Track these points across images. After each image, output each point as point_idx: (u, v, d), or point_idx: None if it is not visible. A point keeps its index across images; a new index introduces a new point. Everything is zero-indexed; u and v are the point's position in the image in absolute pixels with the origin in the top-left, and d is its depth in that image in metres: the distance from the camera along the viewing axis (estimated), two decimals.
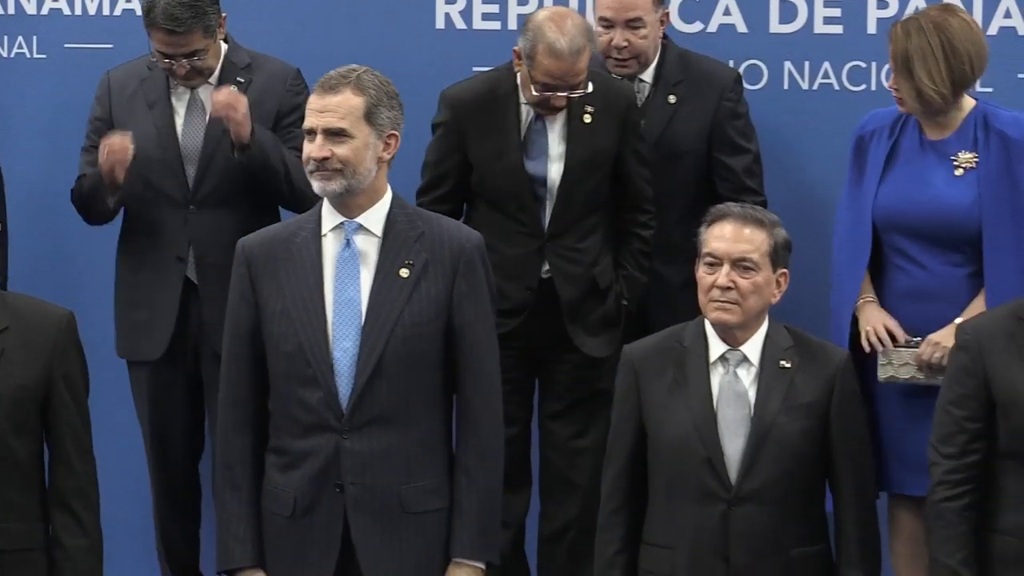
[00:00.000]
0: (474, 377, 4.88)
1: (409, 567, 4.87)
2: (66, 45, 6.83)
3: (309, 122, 4.80)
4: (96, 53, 6.63)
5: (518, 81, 6.16)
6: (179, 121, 6.24)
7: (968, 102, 5.76)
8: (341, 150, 4.76)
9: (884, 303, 5.75)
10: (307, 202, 5.22)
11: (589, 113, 6.07)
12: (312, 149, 4.78)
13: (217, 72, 6.26)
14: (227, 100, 6.05)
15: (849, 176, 5.89)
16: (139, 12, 6.54)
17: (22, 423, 4.81)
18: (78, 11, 6.91)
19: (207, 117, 6.20)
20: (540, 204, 6.17)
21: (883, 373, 5.68)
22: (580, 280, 5.97)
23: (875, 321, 5.74)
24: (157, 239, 6.27)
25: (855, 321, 5.76)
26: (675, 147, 6.24)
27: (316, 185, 4.81)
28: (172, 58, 6.09)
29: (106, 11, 6.91)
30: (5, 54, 6.84)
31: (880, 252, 5.78)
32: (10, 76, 6.85)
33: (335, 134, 4.78)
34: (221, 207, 6.20)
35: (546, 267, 6.11)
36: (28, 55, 6.82)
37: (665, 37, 6.27)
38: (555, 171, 6.11)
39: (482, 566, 4.86)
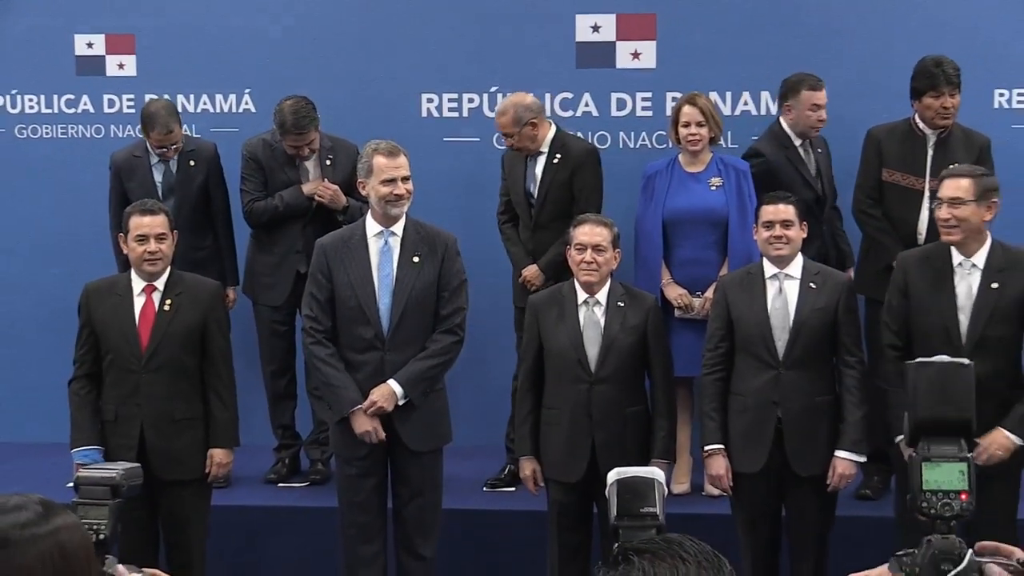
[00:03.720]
0: (451, 314, 5.27)
1: (425, 426, 5.24)
2: (211, 130, 6.95)
3: (390, 174, 5.14)
4: (229, 134, 6.72)
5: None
6: (299, 173, 6.38)
7: (709, 153, 6.11)
8: (409, 187, 5.19)
9: (671, 267, 6.07)
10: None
11: (557, 158, 6.19)
12: (395, 188, 5.14)
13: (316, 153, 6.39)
14: (328, 193, 6.30)
15: (642, 204, 6.16)
16: (254, 110, 6.95)
17: (191, 347, 5.27)
18: (218, 110, 7.07)
19: (311, 175, 6.38)
20: (532, 208, 6.27)
21: (678, 314, 6.03)
22: (558, 255, 5.91)
23: (678, 294, 6.04)
24: (286, 238, 6.41)
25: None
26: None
27: (396, 210, 5.18)
28: (299, 148, 6.31)
29: (234, 109, 7.06)
30: None
31: (667, 241, 6.08)
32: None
33: (406, 179, 5.18)
34: (320, 224, 6.26)
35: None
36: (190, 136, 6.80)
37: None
38: (537, 188, 6.24)
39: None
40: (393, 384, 5.20)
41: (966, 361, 2.51)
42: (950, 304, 5.08)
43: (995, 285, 5.06)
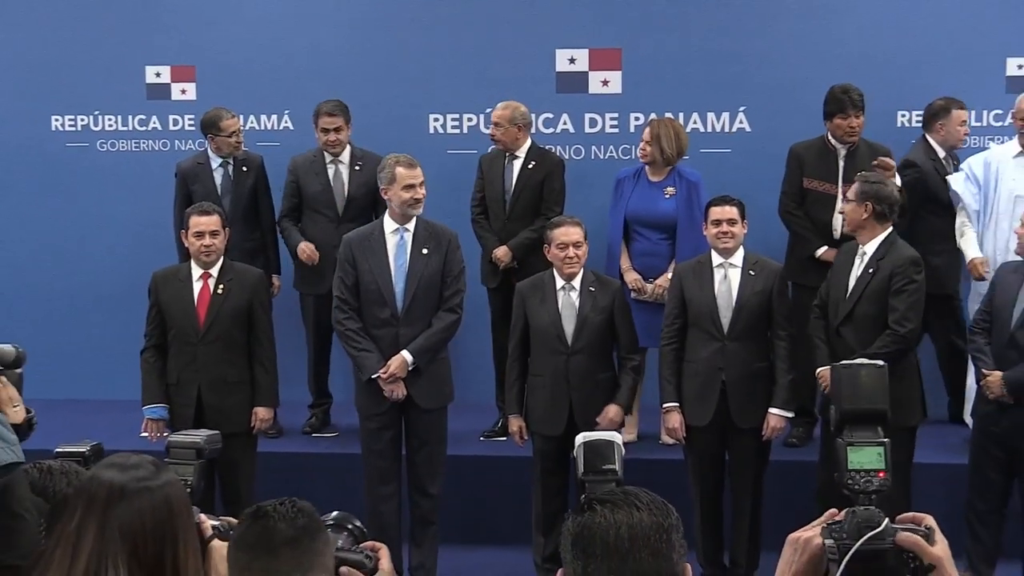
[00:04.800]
0: (452, 295, 5.22)
1: (432, 388, 5.24)
2: (257, 144, 6.82)
3: (410, 181, 5.09)
4: (272, 148, 6.69)
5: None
6: (331, 177, 6.31)
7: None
8: (424, 192, 5.18)
9: (631, 256, 6.01)
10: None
11: (532, 164, 6.19)
12: (415, 194, 5.10)
13: (347, 160, 6.30)
14: (306, 257, 6.20)
15: (612, 202, 6.15)
16: (292, 127, 6.95)
17: (240, 323, 5.28)
18: (262, 127, 7.04)
19: (343, 178, 6.28)
20: (507, 205, 6.20)
21: (635, 296, 5.92)
22: (532, 244, 5.93)
23: (634, 279, 5.98)
24: (324, 237, 6.21)
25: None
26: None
27: (414, 211, 5.16)
28: (328, 131, 6.25)
29: (276, 127, 7.04)
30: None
31: (629, 235, 6.04)
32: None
33: (422, 184, 5.16)
34: (353, 221, 6.09)
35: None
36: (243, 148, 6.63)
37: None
38: (513, 187, 6.19)
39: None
40: (405, 354, 5.23)
41: (880, 363, 2.53)
42: (844, 283, 5.20)
43: (871, 270, 5.12)
